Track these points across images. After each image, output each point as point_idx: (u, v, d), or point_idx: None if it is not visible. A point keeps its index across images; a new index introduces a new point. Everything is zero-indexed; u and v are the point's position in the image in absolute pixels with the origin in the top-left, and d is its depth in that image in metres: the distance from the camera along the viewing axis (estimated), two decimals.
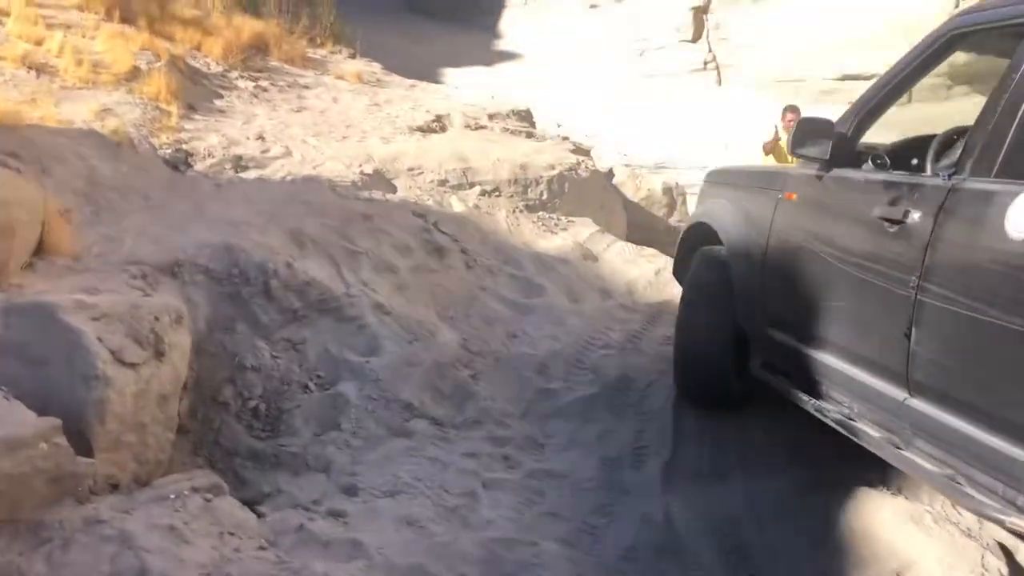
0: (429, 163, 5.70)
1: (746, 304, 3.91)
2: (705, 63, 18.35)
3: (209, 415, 3.45)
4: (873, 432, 3.06)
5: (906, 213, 2.88)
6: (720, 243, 4.16)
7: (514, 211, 5.76)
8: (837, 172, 3.43)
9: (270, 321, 3.78)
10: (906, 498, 3.29)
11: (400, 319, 4.07)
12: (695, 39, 18.56)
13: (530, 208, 5.90)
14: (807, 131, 3.40)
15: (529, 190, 5.98)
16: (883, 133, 3.96)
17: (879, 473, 3.54)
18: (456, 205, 5.50)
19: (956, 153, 3.34)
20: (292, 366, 3.72)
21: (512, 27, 23.28)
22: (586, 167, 6.56)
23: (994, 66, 3.70)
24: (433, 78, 17.44)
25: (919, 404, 2.81)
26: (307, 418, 3.54)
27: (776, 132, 8.17)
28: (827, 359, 3.34)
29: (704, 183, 4.75)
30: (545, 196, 6.06)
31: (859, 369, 3.14)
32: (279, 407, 3.56)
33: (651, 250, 5.96)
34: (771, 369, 3.76)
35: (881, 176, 3.27)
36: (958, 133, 3.38)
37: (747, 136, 15.08)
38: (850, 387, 3.20)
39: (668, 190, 8.49)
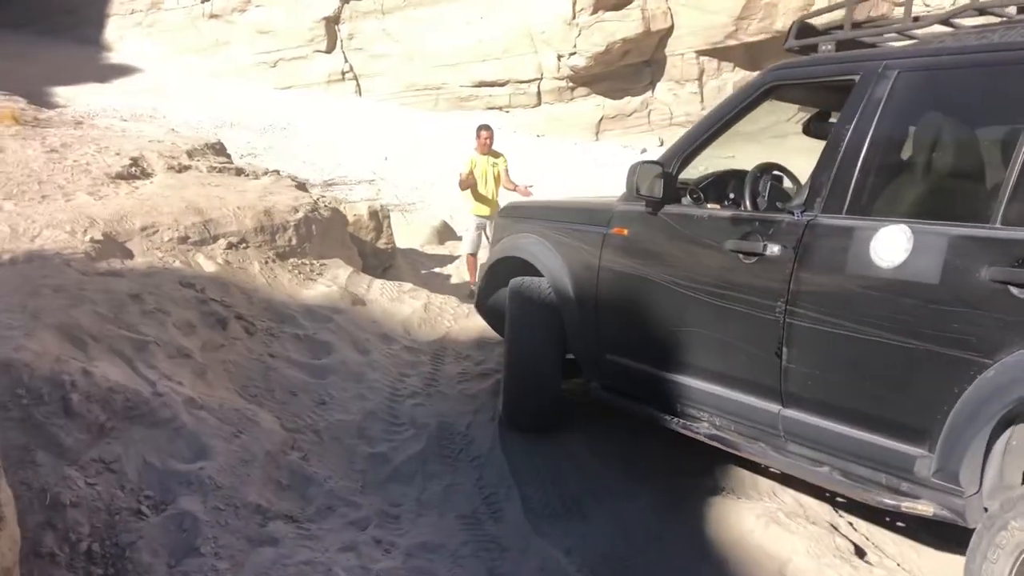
0: (163, 220, 5.09)
1: (580, 332, 4.12)
2: (343, 73, 18.42)
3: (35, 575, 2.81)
4: (747, 443, 3.42)
5: (764, 247, 3.23)
6: (536, 274, 4.30)
7: (267, 262, 5.37)
8: (672, 208, 3.73)
9: (75, 443, 3.16)
10: (757, 501, 3.71)
11: (215, 411, 3.64)
12: (329, 49, 18.55)
13: (281, 256, 5.53)
14: (643, 173, 3.64)
15: (277, 237, 5.59)
16: None
17: (721, 482, 3.93)
18: (206, 264, 4.98)
19: (767, 189, 3.81)
20: (114, 490, 3.15)
21: (122, 40, 21.43)
22: (325, 205, 6.30)
23: None
24: (43, 99, 15.46)
25: (793, 414, 3.20)
26: (155, 549, 3.03)
27: (471, 163, 8.38)
28: (687, 380, 3.64)
29: (503, 218, 4.88)
30: (294, 241, 5.71)
31: (727, 388, 3.47)
32: (117, 543, 3.00)
33: (408, 285, 5.92)
34: (613, 391, 4.01)
35: (727, 213, 3.63)
36: (761, 171, 3.85)
37: (399, 146, 15.52)
38: (718, 404, 3.52)
39: (374, 214, 8.43)
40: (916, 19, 3.24)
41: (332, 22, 18.26)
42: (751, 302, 3.34)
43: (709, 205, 3.98)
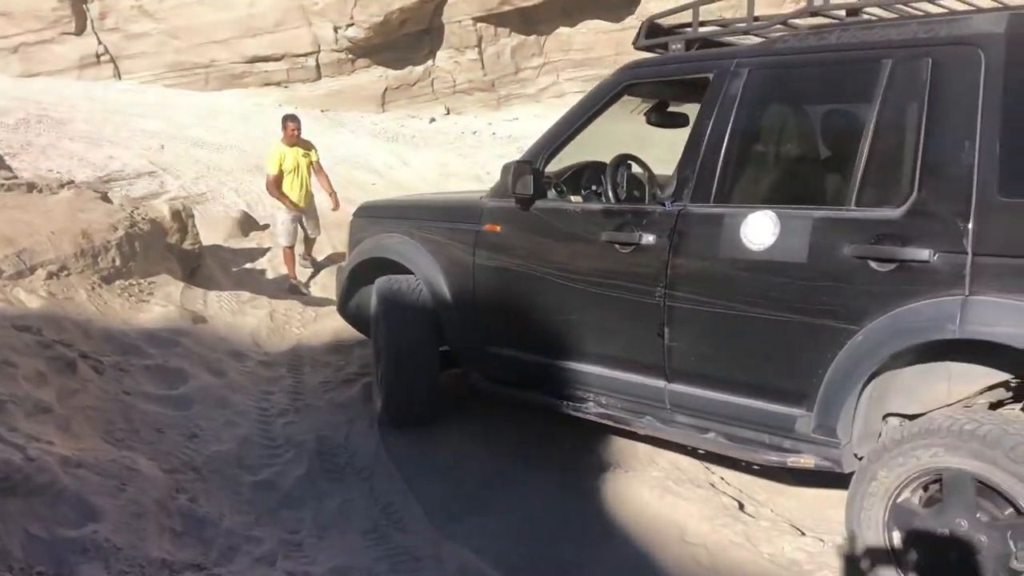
0: None
1: (458, 327, 4.22)
2: (98, 56, 16.93)
3: None
4: (635, 418, 3.63)
5: (640, 237, 3.43)
6: (403, 272, 4.39)
7: (93, 288, 4.93)
8: (543, 204, 3.85)
9: None
10: (643, 472, 3.95)
11: (93, 467, 3.37)
12: (79, 31, 16.94)
13: (106, 280, 5.09)
14: (516, 172, 3.72)
15: (100, 259, 5.14)
16: None
17: (606, 458, 4.14)
18: (28, 299, 4.51)
19: (624, 179, 4.01)
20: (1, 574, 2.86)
21: None
22: (144, 218, 5.82)
23: None
24: None
25: (678, 387, 3.45)
26: None
27: (279, 157, 8.04)
28: (572, 365, 3.82)
29: (359, 218, 4.81)
30: (118, 262, 5.27)
31: (613, 369, 3.67)
32: None
33: (247, 295, 5.65)
34: (497, 382, 4.15)
35: (600, 206, 3.79)
36: (618, 163, 4.04)
37: (173, 131, 14.54)
38: (605, 385, 3.72)
39: (177, 214, 7.91)
40: (757, 19, 3.50)
41: (79, 1, 16.61)
42: (631, 288, 3.54)
43: (572, 198, 4.15)
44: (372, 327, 4.67)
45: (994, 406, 3.09)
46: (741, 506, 3.75)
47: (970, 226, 2.74)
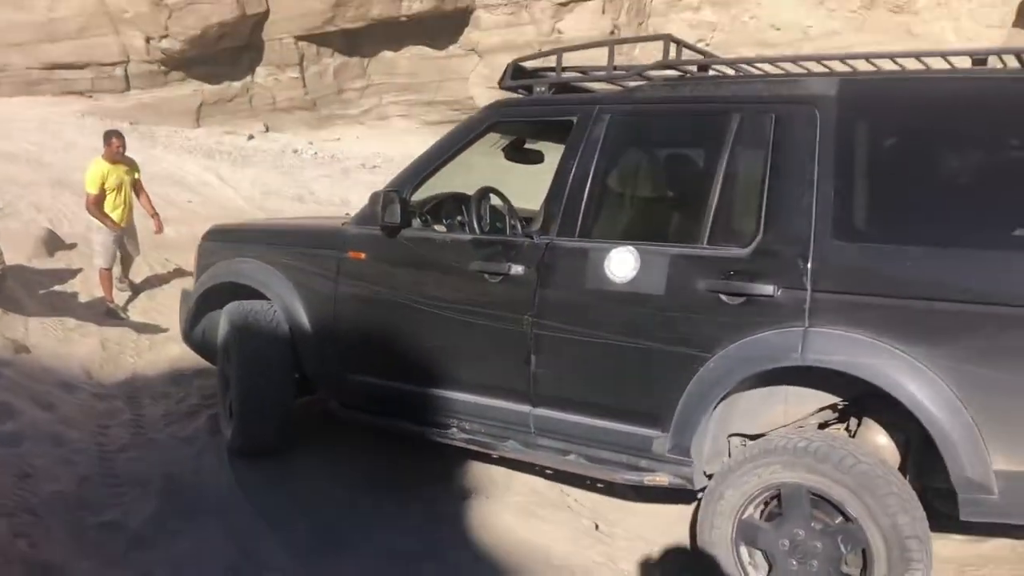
0: None
1: (316, 354, 4.19)
2: None
3: None
4: (499, 442, 3.74)
5: (508, 267, 3.56)
6: (257, 298, 4.33)
7: None
8: (410, 232, 3.90)
9: None
10: (503, 496, 4.04)
11: None
12: None
13: None
14: (384, 200, 3.76)
15: None
16: None
17: (463, 483, 4.20)
18: None
19: (487, 211, 4.13)
20: None
21: None
22: None
23: None
24: None
25: (542, 412, 3.62)
26: None
27: (102, 175, 7.56)
28: (436, 392, 3.90)
29: (209, 241, 4.66)
30: None
31: (478, 395, 3.77)
32: None
33: (73, 321, 5.26)
34: (356, 408, 4.18)
35: (468, 237, 3.88)
36: (481, 195, 4.16)
37: None
38: (469, 411, 3.81)
39: None
40: (616, 68, 3.74)
41: None
42: (498, 316, 3.67)
43: (436, 228, 4.22)
44: (221, 354, 4.53)
45: (822, 426, 3.46)
46: (597, 526, 3.93)
47: (809, 265, 3.07)
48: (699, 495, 3.99)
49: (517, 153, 4.51)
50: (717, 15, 17.22)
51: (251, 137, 15.46)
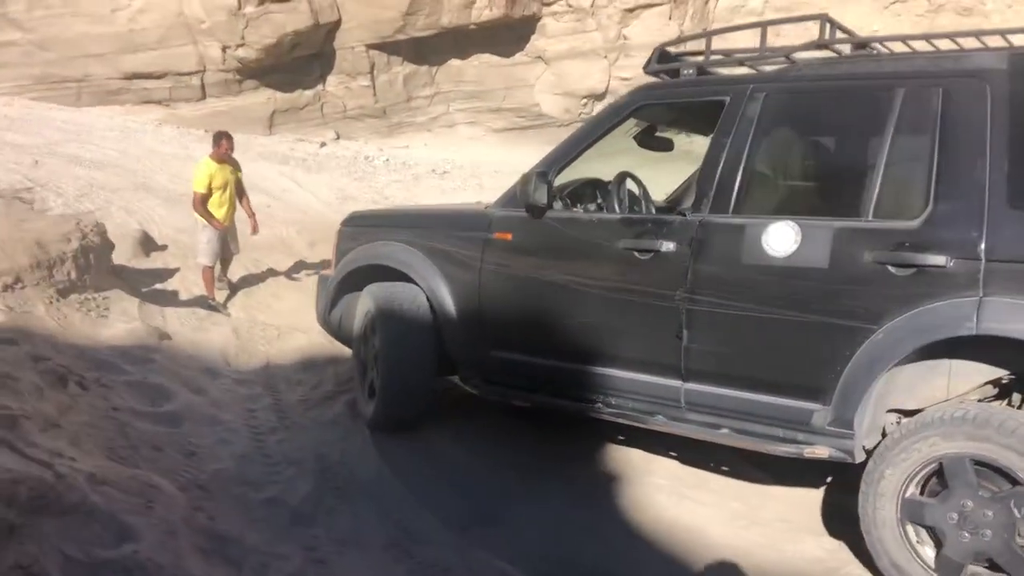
0: None
1: (460, 332, 4.31)
2: None
3: None
4: (648, 417, 3.77)
5: (660, 244, 3.59)
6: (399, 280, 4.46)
7: (51, 302, 4.62)
8: (556, 213, 3.99)
9: None
10: (649, 476, 4.07)
11: (117, 484, 3.19)
12: None
13: (62, 293, 4.77)
14: (532, 182, 3.86)
15: (55, 272, 4.80)
16: None
17: (607, 464, 4.25)
18: None
19: (625, 194, 4.18)
20: None
21: None
22: (95, 230, 5.46)
23: None
24: None
25: (694, 386, 3.63)
26: None
27: (208, 175, 7.78)
28: (582, 367, 3.95)
29: (349, 227, 4.79)
30: (73, 275, 4.94)
31: (626, 370, 3.80)
32: None
33: (203, 311, 5.41)
34: (500, 384, 4.27)
35: (617, 216, 3.94)
36: (620, 179, 4.21)
37: (47, 146, 13.70)
38: (616, 386, 3.84)
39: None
40: (768, 51, 3.77)
41: None
42: (649, 293, 3.71)
43: (576, 209, 4.29)
44: (358, 336, 4.65)
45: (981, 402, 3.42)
46: (750, 511, 3.92)
47: (983, 235, 3.05)
48: (827, 480, 4.02)
49: (649, 140, 4.56)
50: (772, 13, 17.12)
51: (323, 144, 15.72)
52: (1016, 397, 3.39)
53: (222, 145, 7.92)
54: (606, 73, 15.54)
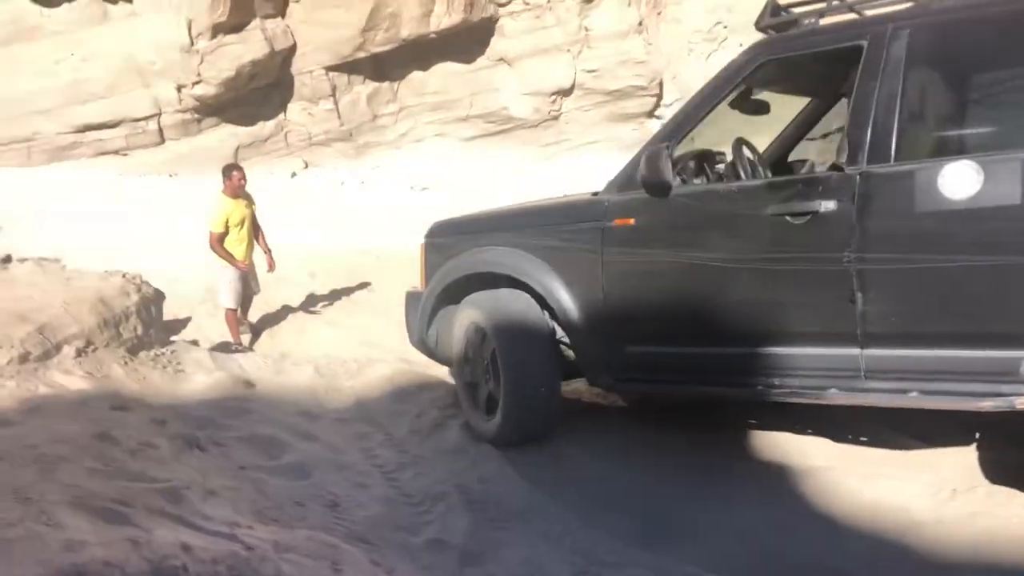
0: None
1: (587, 331, 3.99)
2: None
3: None
4: (821, 392, 3.48)
5: (819, 204, 3.31)
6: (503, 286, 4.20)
7: (126, 363, 4.15)
8: (685, 188, 3.71)
9: None
10: (816, 463, 3.76)
11: (298, 549, 2.79)
12: None
13: (131, 352, 4.31)
14: (653, 158, 3.58)
15: (122, 329, 4.33)
16: None
17: (765, 456, 3.95)
18: (68, 380, 3.72)
19: (745, 160, 3.92)
20: None
21: None
22: (145, 283, 4.97)
23: None
24: None
25: (874, 351, 3.33)
26: None
27: (225, 213, 7.30)
28: (736, 350, 3.67)
29: (437, 238, 4.55)
30: (139, 331, 4.46)
31: (793, 346, 3.53)
32: None
33: (273, 353, 4.98)
34: (637, 381, 3.99)
35: (760, 182, 3.66)
36: (738, 145, 3.96)
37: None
38: (783, 363, 3.56)
39: None
40: None
41: None
42: (811, 259, 3.44)
43: (696, 182, 4.00)
44: (462, 351, 4.34)
45: None
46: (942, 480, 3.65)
47: None
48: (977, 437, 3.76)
49: (745, 104, 4.29)
50: None
51: (294, 175, 15.19)
52: None
53: (233, 178, 7.47)
54: (571, 67, 15.26)
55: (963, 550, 3.12)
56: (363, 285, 9.64)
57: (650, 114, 15.57)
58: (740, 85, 3.81)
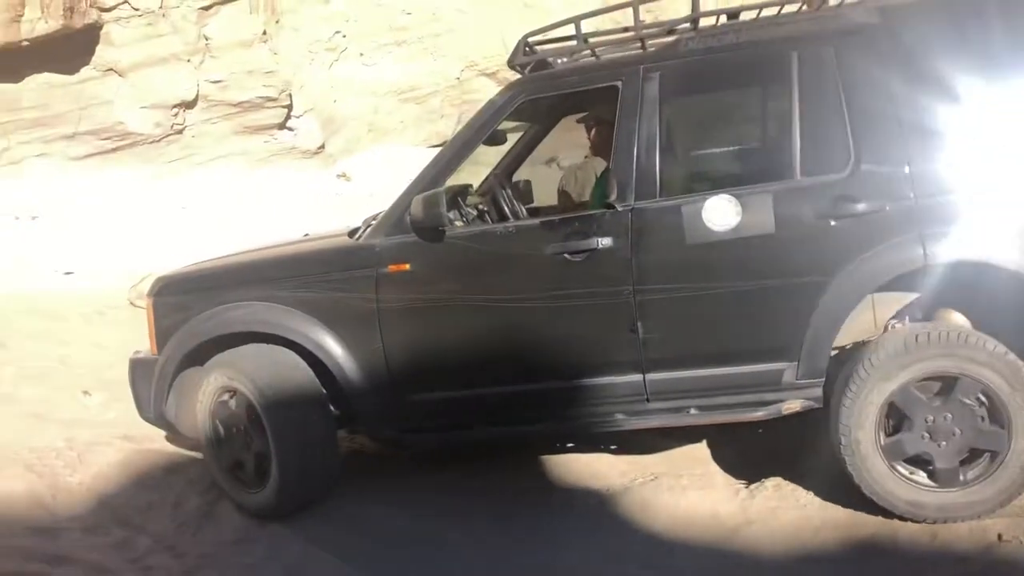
0: None
1: (363, 382, 3.84)
2: None
3: None
4: (605, 420, 3.71)
5: (596, 242, 3.55)
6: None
7: None
8: (458, 230, 3.80)
9: None
10: (623, 482, 3.91)
11: None
12: None
13: None
14: (429, 203, 3.61)
15: None
16: None
17: (568, 486, 4.00)
18: None
19: (511, 196, 4.03)
20: None
21: None
22: None
23: None
24: None
25: (656, 376, 3.63)
26: None
27: None
28: (525, 387, 3.76)
29: (167, 296, 4.15)
30: None
31: (578, 378, 3.69)
32: None
33: None
34: (423, 431, 3.91)
35: (537, 221, 3.74)
36: (498, 182, 4.01)
37: None
38: (566, 397, 3.72)
39: None
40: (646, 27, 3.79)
41: None
42: (592, 293, 3.61)
43: (457, 223, 3.97)
44: (210, 426, 3.99)
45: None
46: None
47: (910, 173, 3.40)
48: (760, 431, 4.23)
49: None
50: (349, 5, 17.05)
51: None
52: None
53: None
54: (193, 78, 14.26)
55: (776, 545, 3.42)
56: None
57: (281, 125, 15.15)
58: (498, 124, 3.85)
